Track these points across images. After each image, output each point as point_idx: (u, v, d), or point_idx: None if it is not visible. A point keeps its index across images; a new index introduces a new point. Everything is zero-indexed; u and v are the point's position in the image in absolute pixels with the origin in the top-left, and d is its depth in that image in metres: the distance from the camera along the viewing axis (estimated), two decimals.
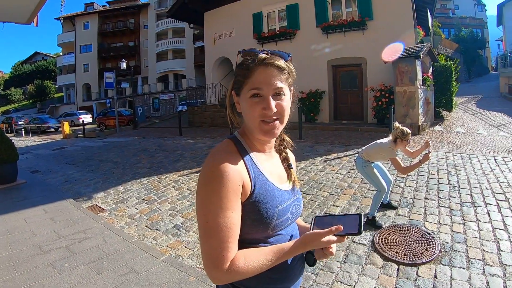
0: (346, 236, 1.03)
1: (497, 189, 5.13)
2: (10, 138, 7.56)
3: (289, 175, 1.21)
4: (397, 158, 4.00)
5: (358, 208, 4.74)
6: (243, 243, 1.02)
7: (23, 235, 4.47)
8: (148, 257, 3.72)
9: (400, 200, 4.91)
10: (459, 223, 4.10)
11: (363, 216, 1.05)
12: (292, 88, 1.13)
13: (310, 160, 7.51)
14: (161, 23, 37.29)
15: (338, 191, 5.49)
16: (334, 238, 0.99)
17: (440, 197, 4.92)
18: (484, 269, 3.14)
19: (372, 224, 4.16)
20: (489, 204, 4.60)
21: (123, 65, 22.50)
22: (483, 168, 6.13)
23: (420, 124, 10.07)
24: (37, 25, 5.40)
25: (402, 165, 4.03)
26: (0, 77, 67.26)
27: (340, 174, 6.29)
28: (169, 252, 3.97)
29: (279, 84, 1.03)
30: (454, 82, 12.39)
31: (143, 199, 5.96)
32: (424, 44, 11.18)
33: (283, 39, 14.17)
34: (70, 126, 23.00)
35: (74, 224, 4.84)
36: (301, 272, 1.21)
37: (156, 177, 7.33)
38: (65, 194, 6.60)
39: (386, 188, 4.28)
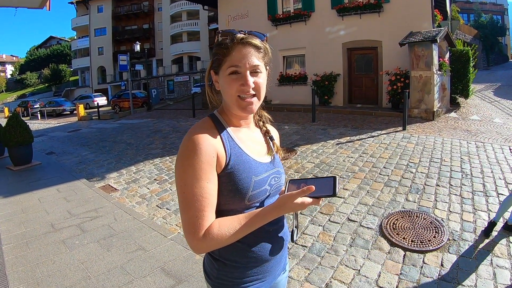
0: (321, 199, 1.04)
1: (511, 179, 5.00)
2: (26, 122, 7.73)
3: (269, 148, 1.24)
4: None
5: (368, 192, 4.70)
6: (222, 214, 1.06)
7: (37, 214, 4.60)
8: (157, 235, 3.80)
9: (410, 185, 4.85)
10: (470, 212, 4.04)
11: (337, 178, 1.04)
12: (268, 67, 1.17)
13: (322, 143, 7.46)
14: (175, 5, 37.02)
15: (348, 174, 5.45)
16: (309, 200, 1.01)
17: (451, 185, 4.84)
18: (492, 260, 3.09)
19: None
20: (502, 194, 4.48)
21: (137, 47, 22.53)
22: (497, 157, 5.99)
23: (435, 110, 9.85)
24: (49, 9, 5.40)
25: None
26: (15, 62, 68.52)
27: (352, 157, 6.24)
28: (177, 231, 4.04)
29: (256, 61, 1.07)
30: (471, 69, 12.04)
31: (155, 179, 6.04)
32: (442, 28, 10.83)
33: (297, 21, 13.91)
34: (85, 108, 23.25)
35: (86, 203, 4.95)
36: (283, 249, 1.23)
37: (168, 157, 7.41)
38: (78, 174, 6.74)
39: None
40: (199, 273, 3.00)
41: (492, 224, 3.48)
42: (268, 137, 1.26)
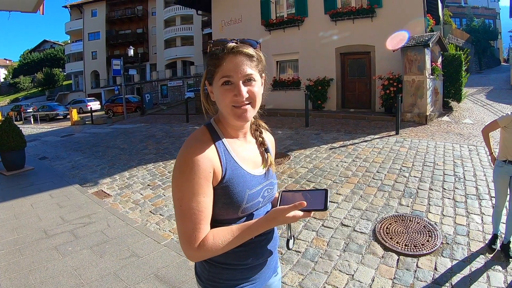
0: (313, 212, 1.07)
1: None
2: (19, 126, 7.67)
3: (264, 160, 1.24)
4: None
5: (361, 197, 4.72)
6: (216, 224, 1.09)
7: (29, 220, 4.56)
8: (150, 242, 3.78)
9: (404, 190, 4.87)
10: (463, 216, 4.07)
11: (329, 191, 1.08)
12: (263, 75, 1.16)
13: (315, 147, 7.48)
14: (169, 10, 37.04)
15: (342, 179, 5.46)
16: (300, 213, 1.05)
17: (444, 188, 4.88)
18: (485, 263, 3.11)
19: None
20: (494, 197, 4.52)
21: (131, 52, 22.55)
22: (489, 161, 6.02)
23: (428, 114, 9.94)
24: (43, 14, 5.40)
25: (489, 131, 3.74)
26: (9, 66, 67.95)
27: (345, 162, 6.26)
28: (171, 237, 4.02)
29: (249, 70, 1.06)
30: (463, 73, 12.17)
31: (148, 185, 6.01)
32: (434, 33, 10.95)
33: (291, 26, 13.98)
34: (79, 113, 23.15)
35: (79, 209, 4.91)
36: (273, 249, 1.26)
37: (161, 163, 7.38)
38: (71, 180, 6.69)
39: (501, 207, 3.47)
40: (193, 279, 2.98)
41: (495, 236, 3.43)
42: (263, 149, 1.26)
